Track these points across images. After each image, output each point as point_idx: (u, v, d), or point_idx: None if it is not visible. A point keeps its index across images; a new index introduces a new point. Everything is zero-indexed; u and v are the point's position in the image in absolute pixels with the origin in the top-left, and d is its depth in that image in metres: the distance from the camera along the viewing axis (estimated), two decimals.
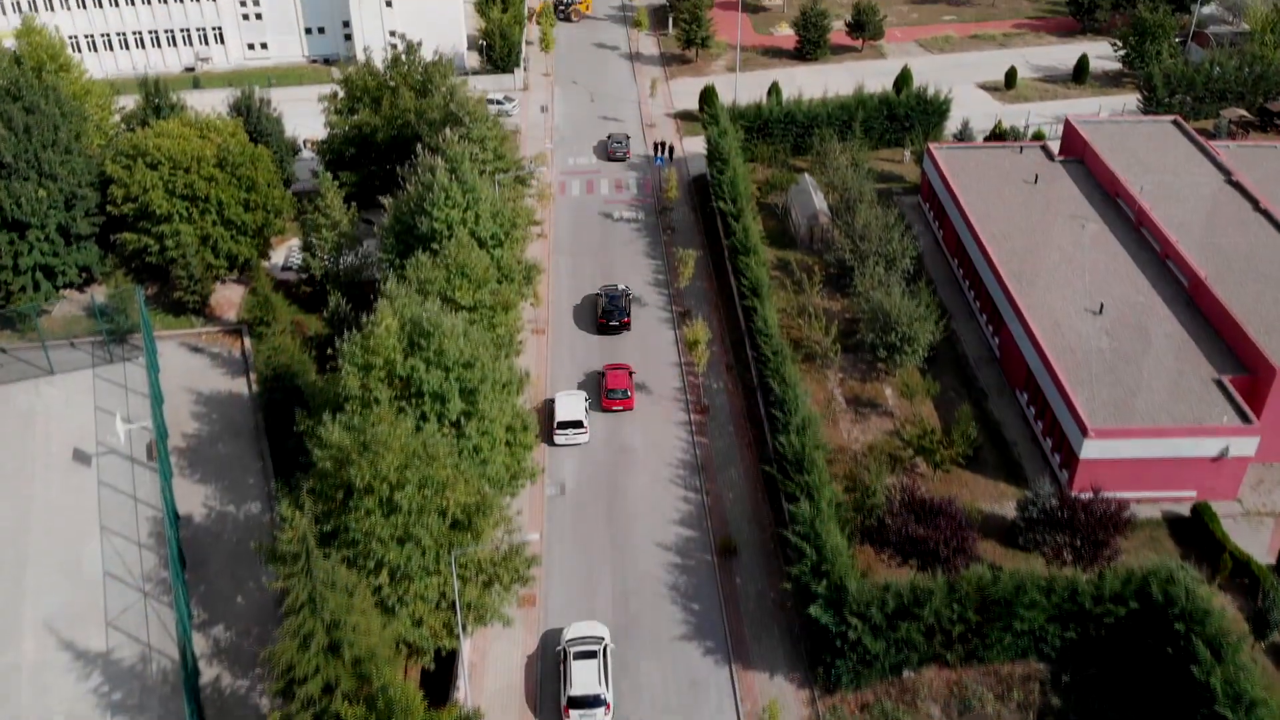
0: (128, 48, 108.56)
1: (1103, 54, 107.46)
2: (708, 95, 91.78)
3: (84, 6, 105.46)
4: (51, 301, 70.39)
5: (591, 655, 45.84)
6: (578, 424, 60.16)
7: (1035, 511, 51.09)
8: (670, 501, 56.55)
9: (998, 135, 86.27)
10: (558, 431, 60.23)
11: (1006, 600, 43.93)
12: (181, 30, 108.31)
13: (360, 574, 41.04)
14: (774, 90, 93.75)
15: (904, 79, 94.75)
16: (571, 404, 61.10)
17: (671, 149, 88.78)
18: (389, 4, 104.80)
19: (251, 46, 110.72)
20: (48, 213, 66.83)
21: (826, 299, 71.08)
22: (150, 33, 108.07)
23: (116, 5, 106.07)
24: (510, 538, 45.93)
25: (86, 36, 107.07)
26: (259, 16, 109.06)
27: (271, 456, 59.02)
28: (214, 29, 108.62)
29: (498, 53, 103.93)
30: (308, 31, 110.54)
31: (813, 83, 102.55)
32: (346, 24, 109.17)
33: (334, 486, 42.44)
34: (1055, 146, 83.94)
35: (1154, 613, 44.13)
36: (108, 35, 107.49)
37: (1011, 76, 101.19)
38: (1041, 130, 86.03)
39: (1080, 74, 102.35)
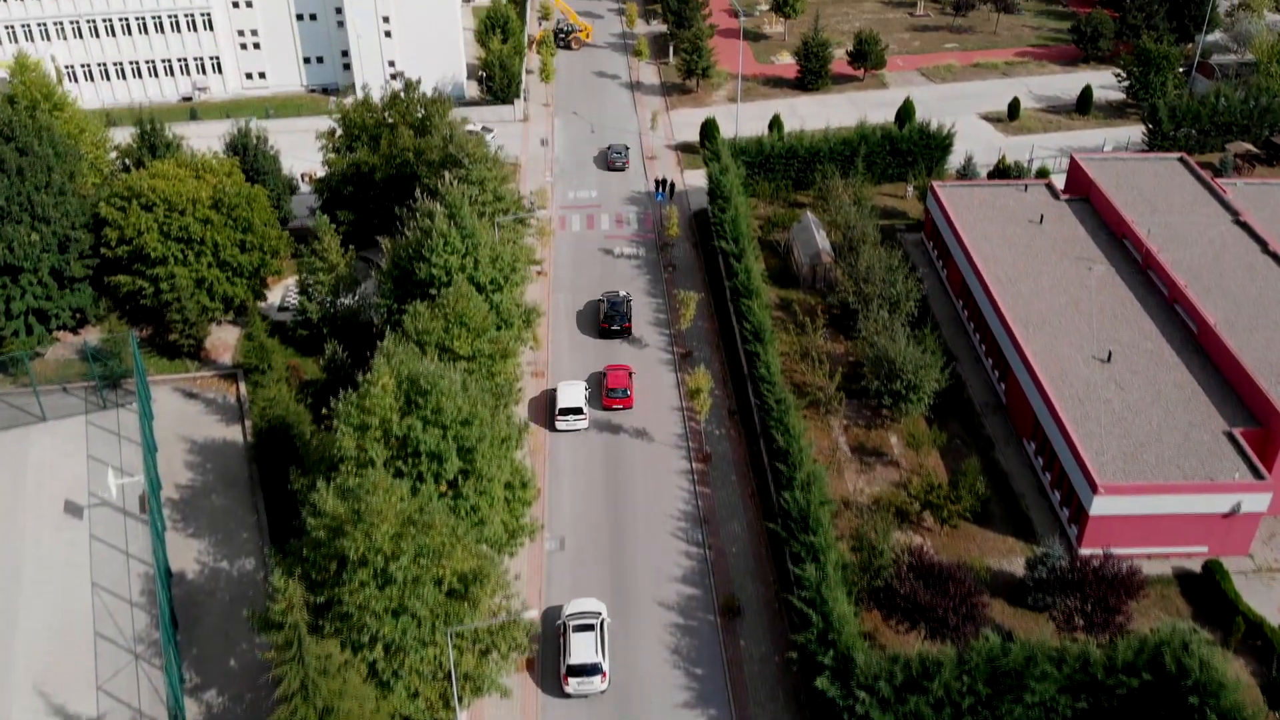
0: (125, 77, 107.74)
1: (1106, 83, 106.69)
2: (709, 129, 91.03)
3: (80, 36, 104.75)
4: (44, 345, 69.44)
5: (590, 628, 49.04)
6: (578, 410, 63.93)
7: (1044, 572, 50.13)
8: (672, 556, 55.53)
9: (1001, 170, 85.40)
10: (559, 418, 63.99)
11: (1017, 671, 42.88)
12: (179, 60, 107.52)
13: (354, 649, 40.14)
14: (775, 123, 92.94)
15: (906, 111, 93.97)
16: (572, 392, 65.03)
17: (673, 186, 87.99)
18: (388, 34, 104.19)
19: (250, 76, 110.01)
20: (40, 256, 65.98)
21: (830, 340, 70.20)
22: (147, 62, 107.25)
23: (114, 35, 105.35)
24: (509, 604, 44.96)
25: (83, 66, 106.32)
26: (257, 46, 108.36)
27: (266, 509, 58.03)
28: (212, 59, 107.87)
29: (497, 83, 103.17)
30: (306, 61, 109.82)
31: (814, 113, 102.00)
32: (345, 53, 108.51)
33: (327, 557, 41.47)
34: (1060, 181, 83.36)
35: (1168, 683, 43.09)
36: (104, 65, 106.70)
37: (1015, 107, 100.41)
38: (1046, 167, 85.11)
39: (1084, 105, 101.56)
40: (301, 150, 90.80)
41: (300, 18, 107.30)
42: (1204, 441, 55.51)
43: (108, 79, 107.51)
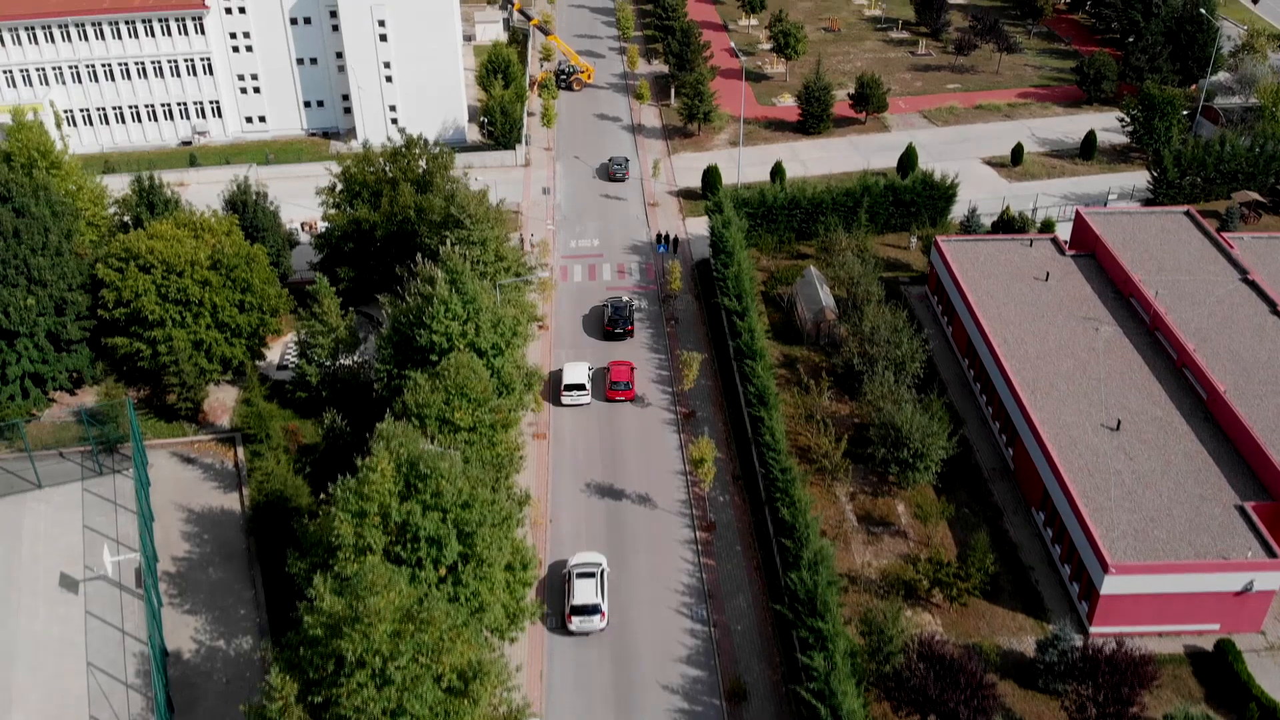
0: (124, 122, 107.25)
1: (1109, 126, 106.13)
2: (711, 178, 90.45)
3: (79, 81, 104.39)
4: (40, 407, 68.67)
5: (591, 575, 55.54)
6: (581, 386, 70.30)
7: (1055, 655, 49.26)
8: (675, 635, 54.62)
9: (1006, 222, 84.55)
10: (565, 393, 70.26)
11: None
12: (179, 104, 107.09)
13: None
14: (778, 172, 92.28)
15: (909, 159, 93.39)
16: (576, 370, 71.26)
17: (675, 240, 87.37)
18: (389, 79, 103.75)
19: (250, 120, 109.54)
20: (36, 320, 65.31)
21: (835, 401, 69.42)
22: (147, 107, 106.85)
23: (113, 80, 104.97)
24: (509, 697, 44.11)
25: (83, 110, 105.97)
26: (257, 90, 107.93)
27: (264, 584, 57.18)
28: (212, 103, 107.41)
29: (499, 129, 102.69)
30: (306, 105, 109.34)
31: (816, 158, 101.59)
32: (346, 98, 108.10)
33: (324, 656, 40.63)
34: (1065, 230, 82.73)
35: None
36: (104, 109, 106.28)
37: (1018, 153, 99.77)
38: (1051, 219, 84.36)
39: (1088, 150, 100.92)
40: (301, 198, 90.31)
41: (300, 62, 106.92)
42: (1215, 516, 54.70)
43: (107, 123, 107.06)
